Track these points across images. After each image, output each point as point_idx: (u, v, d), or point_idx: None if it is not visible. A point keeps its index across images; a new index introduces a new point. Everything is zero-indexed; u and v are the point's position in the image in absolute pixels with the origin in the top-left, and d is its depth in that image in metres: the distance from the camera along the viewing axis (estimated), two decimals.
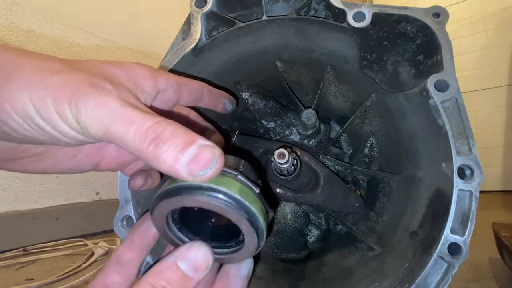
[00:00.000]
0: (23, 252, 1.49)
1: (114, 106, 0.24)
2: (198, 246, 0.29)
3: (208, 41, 0.53)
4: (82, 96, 0.24)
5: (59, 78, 0.24)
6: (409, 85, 0.49)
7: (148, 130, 0.23)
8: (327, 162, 0.71)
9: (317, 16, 0.51)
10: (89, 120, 0.24)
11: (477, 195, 0.39)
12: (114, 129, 0.23)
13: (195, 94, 0.40)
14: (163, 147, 0.23)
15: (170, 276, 0.27)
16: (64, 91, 0.24)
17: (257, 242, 0.30)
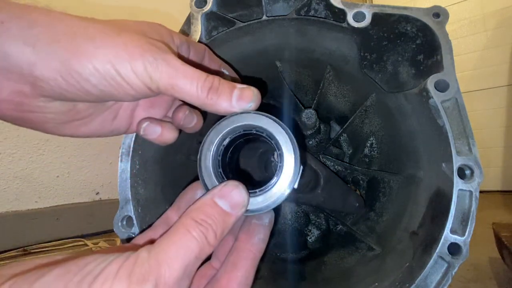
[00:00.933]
0: (23, 252, 1.49)
1: (177, 64, 0.31)
2: (233, 185, 0.30)
3: (208, 41, 0.53)
4: (151, 54, 0.29)
5: (124, 38, 0.29)
6: (409, 85, 0.49)
7: (205, 83, 0.31)
8: (327, 162, 0.71)
9: (317, 16, 0.51)
10: (160, 74, 0.29)
11: (477, 195, 0.39)
12: (181, 83, 0.30)
13: (200, 53, 0.43)
14: (218, 94, 0.31)
15: (209, 211, 0.28)
16: (134, 50, 0.29)
17: (294, 168, 0.32)
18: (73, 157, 1.87)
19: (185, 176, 0.57)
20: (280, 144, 0.33)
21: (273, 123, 0.33)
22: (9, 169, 1.63)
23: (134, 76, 0.29)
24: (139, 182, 0.49)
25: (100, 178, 1.98)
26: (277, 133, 0.33)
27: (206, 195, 0.30)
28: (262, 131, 0.33)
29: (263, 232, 0.34)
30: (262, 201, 0.32)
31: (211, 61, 0.45)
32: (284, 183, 0.33)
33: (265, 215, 0.34)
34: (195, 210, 0.28)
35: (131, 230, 0.46)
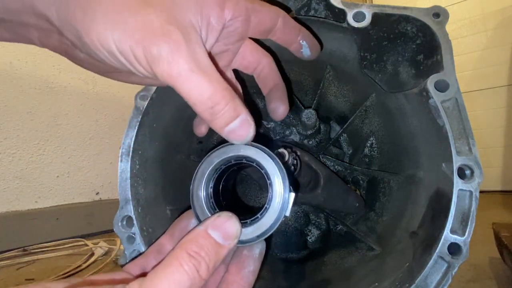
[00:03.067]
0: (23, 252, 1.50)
1: (183, 68, 0.28)
2: (226, 216, 0.30)
3: None
4: (156, 48, 0.27)
5: (135, 22, 0.27)
6: (409, 85, 0.49)
7: (207, 100, 0.28)
8: (327, 162, 0.71)
9: (317, 16, 0.51)
10: (160, 71, 0.28)
11: (477, 195, 0.39)
12: (180, 88, 0.28)
13: (266, 24, 0.37)
14: (216, 117, 0.29)
15: (203, 243, 0.28)
16: (140, 37, 0.27)
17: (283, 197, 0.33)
18: (73, 157, 1.87)
19: (185, 176, 0.57)
20: (269, 174, 0.33)
21: (262, 153, 0.33)
22: (9, 169, 1.63)
23: (136, 62, 0.28)
24: (139, 182, 0.49)
25: (100, 178, 1.99)
26: (267, 163, 0.33)
27: (200, 226, 0.30)
28: (252, 161, 0.34)
29: (254, 264, 0.33)
30: (253, 231, 0.33)
31: (286, 31, 0.38)
32: (274, 213, 0.33)
33: (256, 247, 0.34)
34: (189, 242, 0.28)
35: (131, 230, 0.46)
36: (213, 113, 0.29)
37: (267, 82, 0.43)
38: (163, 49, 0.27)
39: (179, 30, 0.28)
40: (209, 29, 0.32)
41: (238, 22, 0.34)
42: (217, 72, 0.30)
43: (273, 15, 0.37)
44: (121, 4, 0.28)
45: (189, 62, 0.28)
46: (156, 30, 0.27)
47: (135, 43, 0.27)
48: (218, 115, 0.29)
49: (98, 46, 0.28)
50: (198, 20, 0.31)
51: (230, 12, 0.33)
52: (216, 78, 0.29)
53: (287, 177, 0.33)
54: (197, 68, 0.28)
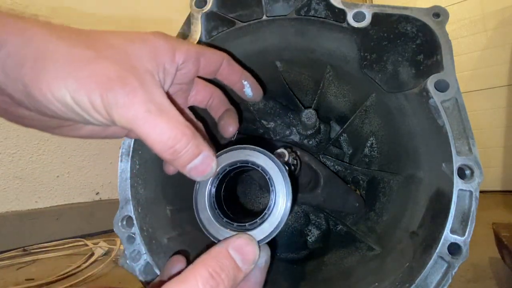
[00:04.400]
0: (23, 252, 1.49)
1: (140, 110, 0.28)
2: (248, 239, 0.30)
3: (208, 41, 0.53)
4: (112, 94, 0.27)
5: (90, 70, 0.27)
6: (409, 85, 0.49)
7: (167, 140, 0.28)
8: (327, 162, 0.71)
9: (317, 16, 0.51)
10: (117, 116, 0.27)
11: (477, 195, 0.39)
12: (139, 132, 0.28)
13: (213, 65, 0.40)
14: (178, 156, 0.29)
15: (224, 263, 0.27)
16: (96, 85, 0.27)
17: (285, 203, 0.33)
18: (73, 157, 1.87)
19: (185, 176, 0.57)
20: (273, 180, 0.34)
21: (266, 158, 0.34)
22: (9, 169, 1.63)
23: (93, 110, 0.28)
24: (139, 182, 0.49)
25: (100, 178, 1.99)
26: (272, 170, 0.34)
27: (221, 244, 0.29)
28: (257, 165, 0.34)
29: (260, 276, 0.33)
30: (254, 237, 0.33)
31: (230, 71, 0.42)
32: (275, 220, 0.33)
33: (261, 256, 0.33)
34: (210, 259, 0.27)
35: (131, 230, 0.46)
36: (174, 152, 0.29)
37: (219, 109, 0.46)
38: (119, 94, 0.27)
39: (134, 76, 0.29)
40: (165, 73, 0.34)
41: (190, 64, 0.37)
42: (176, 111, 0.30)
43: (218, 58, 0.40)
44: (73, 56, 0.28)
45: (145, 104, 0.28)
46: (111, 77, 0.28)
47: (91, 91, 0.27)
48: (180, 153, 0.29)
49: (50, 98, 0.27)
50: (153, 66, 0.32)
51: (182, 56, 0.35)
52: (175, 117, 0.29)
53: (290, 184, 0.34)
54: (155, 109, 0.28)
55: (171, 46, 0.34)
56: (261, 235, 0.33)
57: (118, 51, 0.30)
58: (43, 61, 0.27)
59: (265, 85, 0.50)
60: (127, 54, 0.30)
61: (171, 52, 0.34)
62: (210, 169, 0.32)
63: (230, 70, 0.42)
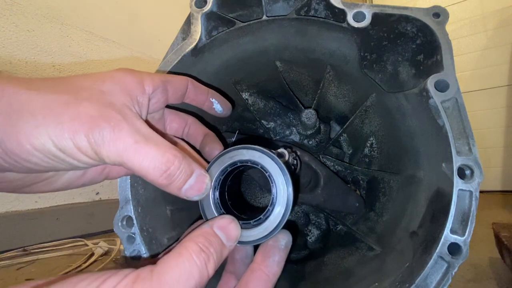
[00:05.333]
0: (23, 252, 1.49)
1: (129, 142, 0.28)
2: (230, 218, 0.32)
3: (208, 41, 0.53)
4: (98, 131, 0.27)
5: (71, 113, 0.27)
6: (409, 85, 0.49)
7: (161, 165, 0.29)
8: (327, 162, 0.71)
9: (317, 16, 0.51)
10: (106, 152, 0.27)
11: (477, 195, 0.39)
12: (130, 163, 0.28)
13: (180, 90, 0.41)
14: (173, 179, 0.30)
15: (211, 239, 0.29)
16: (80, 126, 0.27)
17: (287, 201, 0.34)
18: None
19: None
20: (273, 177, 0.35)
21: (266, 156, 0.35)
22: None
23: (79, 152, 0.27)
24: (139, 182, 0.49)
25: None
26: (271, 167, 0.35)
27: (206, 224, 0.31)
28: (256, 163, 0.36)
29: (279, 255, 0.34)
30: (258, 232, 0.34)
31: (196, 92, 0.43)
32: (278, 215, 0.34)
33: (281, 238, 0.35)
34: (198, 236, 0.28)
35: (131, 230, 0.46)
36: (169, 176, 0.29)
37: (198, 136, 0.46)
38: (105, 130, 0.27)
39: (115, 111, 0.29)
40: (140, 105, 0.34)
41: (159, 93, 0.38)
42: (161, 137, 0.31)
43: (183, 81, 0.41)
44: (49, 103, 0.27)
45: (132, 135, 0.28)
46: (94, 116, 0.27)
47: (75, 134, 0.26)
48: (174, 176, 0.30)
49: (30, 150, 0.26)
50: (128, 100, 0.32)
51: (150, 87, 0.36)
52: (163, 142, 0.30)
53: (290, 178, 0.34)
54: (142, 139, 0.29)
55: (139, 79, 0.35)
56: (270, 227, 0.34)
57: (92, 91, 0.30)
58: (17, 113, 0.26)
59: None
60: (102, 93, 0.30)
61: (140, 84, 0.35)
62: (205, 186, 0.33)
63: (196, 91, 0.43)
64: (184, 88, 0.41)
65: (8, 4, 1.48)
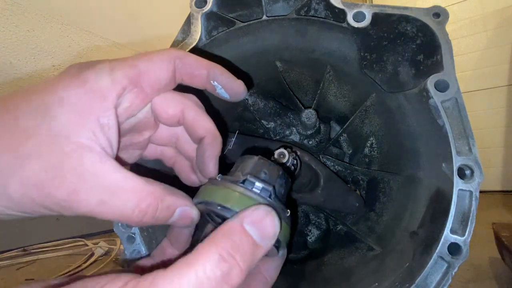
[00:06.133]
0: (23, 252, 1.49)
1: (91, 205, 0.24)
2: (265, 210, 0.26)
3: (208, 41, 0.53)
4: (51, 200, 0.24)
5: (16, 185, 0.23)
6: (409, 85, 0.49)
7: (133, 217, 0.26)
8: (327, 162, 0.71)
9: (317, 16, 0.51)
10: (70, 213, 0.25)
11: (477, 195, 0.39)
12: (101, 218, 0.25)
13: (163, 80, 0.31)
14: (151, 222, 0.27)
15: (239, 242, 0.23)
16: (30, 202, 0.24)
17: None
18: None
19: None
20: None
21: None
22: None
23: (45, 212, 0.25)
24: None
25: None
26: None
27: (235, 218, 0.25)
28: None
29: (278, 261, 0.33)
30: None
31: (190, 75, 0.32)
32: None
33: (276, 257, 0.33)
34: (222, 237, 0.23)
35: (131, 230, 0.46)
36: (145, 222, 0.27)
37: (196, 130, 0.34)
38: (58, 198, 0.23)
39: (67, 166, 0.23)
40: (104, 130, 0.26)
41: (129, 95, 0.28)
42: (133, 180, 0.26)
43: (165, 66, 0.30)
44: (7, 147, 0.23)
45: (93, 196, 0.24)
46: (42, 179, 0.23)
47: (31, 204, 0.24)
48: (152, 221, 0.27)
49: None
50: (85, 133, 0.25)
51: (113, 93, 0.27)
52: (133, 191, 0.25)
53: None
54: (106, 196, 0.24)
55: (94, 88, 0.26)
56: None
57: (37, 135, 0.24)
58: None
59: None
60: (49, 135, 0.24)
61: (97, 97, 0.26)
62: (190, 221, 0.30)
63: (190, 73, 0.32)
64: (167, 75, 0.31)
65: (8, 4, 1.48)
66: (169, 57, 0.31)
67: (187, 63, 0.32)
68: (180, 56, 0.31)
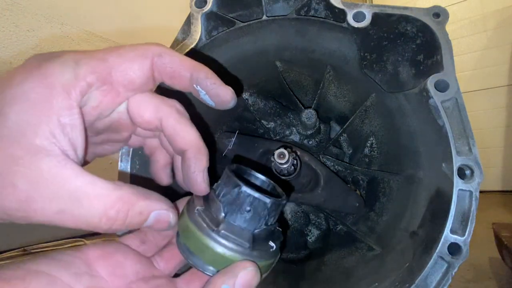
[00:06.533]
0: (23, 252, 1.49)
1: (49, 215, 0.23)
2: (253, 269, 0.27)
3: (208, 41, 0.53)
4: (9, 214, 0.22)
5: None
6: (409, 85, 0.49)
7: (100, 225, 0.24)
8: (327, 162, 0.71)
9: (317, 16, 0.51)
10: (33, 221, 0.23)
11: (477, 195, 0.39)
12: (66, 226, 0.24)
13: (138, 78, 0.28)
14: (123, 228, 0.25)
15: None
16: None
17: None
18: None
19: None
20: None
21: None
22: None
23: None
24: (139, 182, 0.49)
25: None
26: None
27: (225, 278, 0.26)
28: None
29: None
30: None
31: (170, 75, 0.28)
32: None
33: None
34: None
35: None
36: (115, 229, 0.25)
37: (176, 142, 0.30)
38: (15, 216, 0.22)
39: (24, 180, 0.21)
40: (65, 131, 0.23)
41: (97, 93, 0.25)
42: (100, 185, 0.24)
43: (140, 62, 0.26)
44: None
45: (50, 208, 0.22)
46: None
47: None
48: (123, 227, 0.25)
49: None
50: (44, 135, 0.22)
51: (76, 90, 0.23)
52: (98, 197, 0.23)
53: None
54: (67, 206, 0.22)
55: (57, 84, 0.23)
56: None
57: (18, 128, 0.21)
58: None
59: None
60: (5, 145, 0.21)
61: (59, 94, 0.23)
62: (167, 225, 0.28)
63: (170, 73, 0.28)
64: (142, 73, 0.27)
65: (8, 4, 1.48)
66: (145, 52, 0.27)
67: (167, 61, 0.28)
68: (159, 53, 0.27)
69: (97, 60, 0.25)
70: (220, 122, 0.72)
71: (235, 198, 0.29)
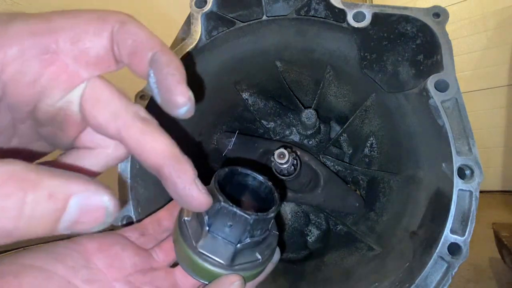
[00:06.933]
0: None
1: None
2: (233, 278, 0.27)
3: (208, 41, 0.53)
4: None
5: None
6: (409, 85, 0.49)
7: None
8: (327, 162, 0.71)
9: (317, 16, 0.51)
10: None
11: (477, 195, 0.39)
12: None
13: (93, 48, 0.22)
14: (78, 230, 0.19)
15: None
16: None
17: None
18: None
19: None
20: None
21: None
22: None
23: None
24: (139, 182, 0.49)
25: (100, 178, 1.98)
26: None
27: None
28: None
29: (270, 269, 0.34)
30: None
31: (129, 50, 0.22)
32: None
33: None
34: None
35: None
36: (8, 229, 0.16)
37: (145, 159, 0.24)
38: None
39: None
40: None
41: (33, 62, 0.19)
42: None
43: (94, 24, 0.21)
44: None
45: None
46: None
47: None
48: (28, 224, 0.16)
49: None
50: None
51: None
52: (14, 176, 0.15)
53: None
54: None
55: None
56: None
57: None
58: None
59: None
60: None
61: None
62: (103, 218, 0.18)
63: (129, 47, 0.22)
64: (100, 42, 0.21)
65: (8, 4, 1.48)
66: (104, 16, 0.21)
67: (131, 31, 0.21)
68: (122, 20, 0.21)
69: (40, 18, 0.19)
70: (220, 122, 0.72)
71: (217, 212, 0.29)
